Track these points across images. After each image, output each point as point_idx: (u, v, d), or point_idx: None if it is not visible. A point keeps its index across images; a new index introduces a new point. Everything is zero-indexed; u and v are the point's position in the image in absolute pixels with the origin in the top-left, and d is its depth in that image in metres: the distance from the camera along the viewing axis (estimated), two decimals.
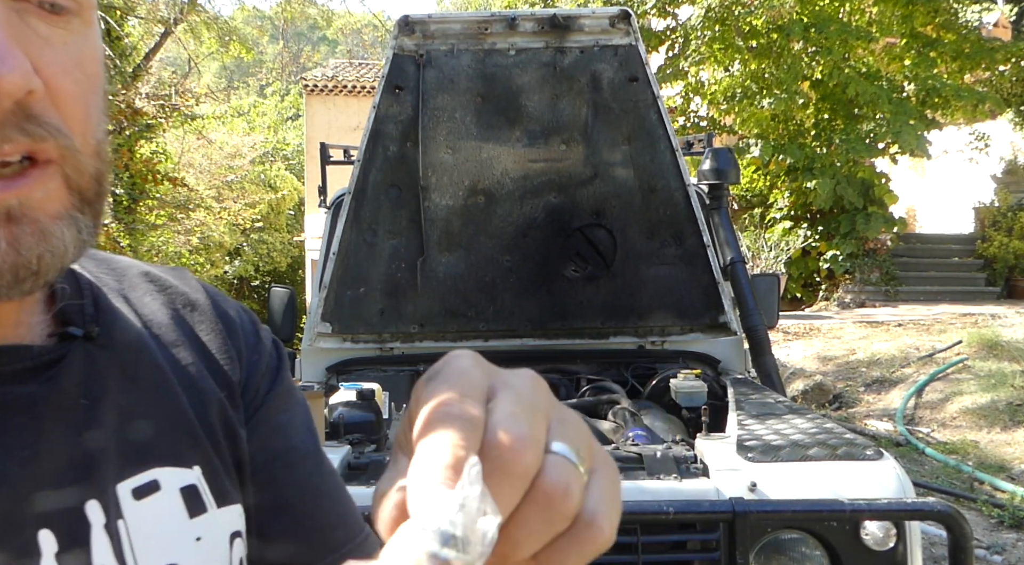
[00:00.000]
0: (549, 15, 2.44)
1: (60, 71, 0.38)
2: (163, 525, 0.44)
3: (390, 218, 2.56)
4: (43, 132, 0.37)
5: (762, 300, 2.72)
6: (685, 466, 1.66)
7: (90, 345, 0.44)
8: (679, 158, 2.50)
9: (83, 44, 0.40)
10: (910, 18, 10.66)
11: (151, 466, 0.45)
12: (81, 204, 0.40)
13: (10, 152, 0.36)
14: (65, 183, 0.39)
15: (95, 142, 0.41)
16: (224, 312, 0.54)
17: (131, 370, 0.46)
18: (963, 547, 1.38)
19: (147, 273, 0.53)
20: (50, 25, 0.38)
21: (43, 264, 0.38)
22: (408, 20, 2.41)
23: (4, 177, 0.36)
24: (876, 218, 10.70)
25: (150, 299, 0.51)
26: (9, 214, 0.36)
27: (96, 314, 0.46)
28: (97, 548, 0.41)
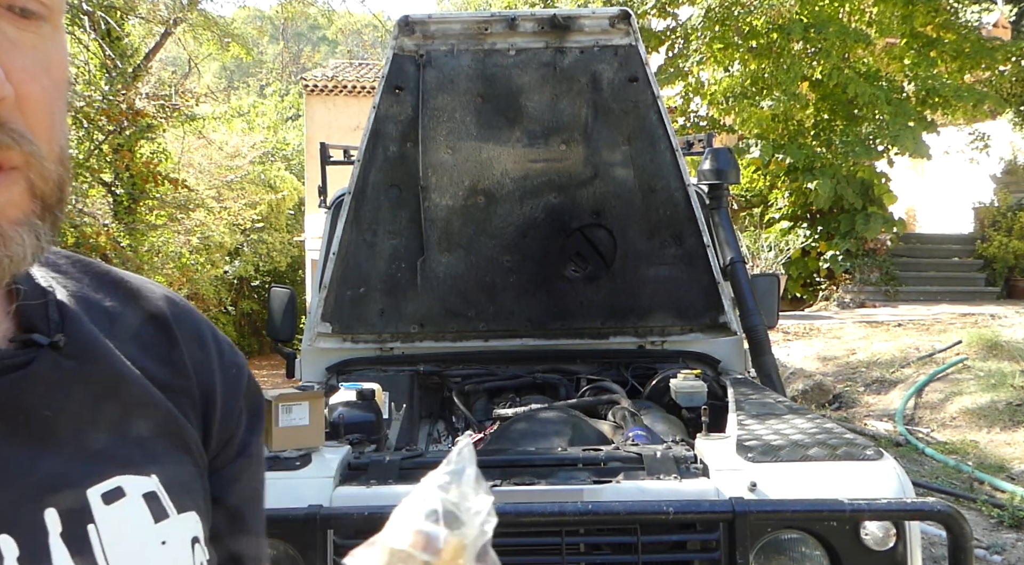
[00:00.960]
0: (549, 15, 2.44)
1: (29, 77, 0.37)
2: (132, 529, 0.45)
3: (390, 218, 2.56)
4: (8, 139, 0.36)
5: (762, 300, 2.72)
6: (685, 466, 1.66)
7: (56, 354, 0.44)
8: (679, 158, 2.50)
9: (51, 49, 0.39)
10: (910, 18, 10.65)
11: (114, 474, 0.45)
12: (42, 211, 0.40)
13: None
14: (29, 189, 0.38)
15: (59, 149, 0.40)
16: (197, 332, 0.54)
17: (94, 381, 0.46)
18: (963, 547, 1.39)
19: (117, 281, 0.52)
20: (19, 29, 0.37)
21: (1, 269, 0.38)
22: (408, 20, 2.42)
23: None
24: (876, 218, 10.69)
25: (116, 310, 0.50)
26: None
27: (61, 322, 0.46)
28: (56, 554, 0.41)
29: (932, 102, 10.50)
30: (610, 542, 1.52)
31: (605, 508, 1.43)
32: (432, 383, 2.64)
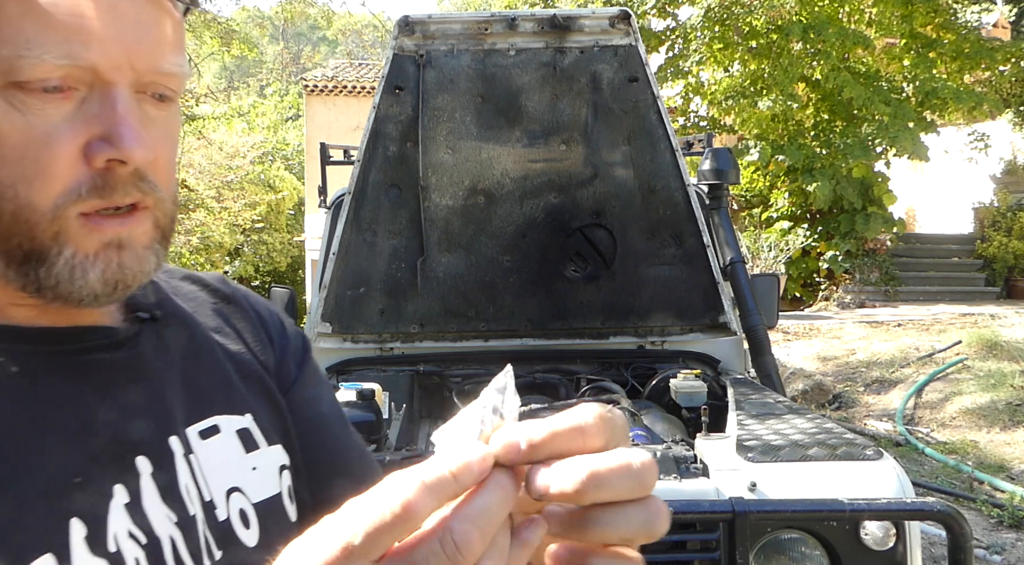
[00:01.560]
0: (549, 15, 2.44)
1: (160, 145, 0.52)
2: (224, 458, 0.58)
3: (390, 218, 2.56)
4: (148, 188, 0.51)
5: (762, 300, 2.72)
6: (685, 466, 1.66)
7: (156, 324, 0.59)
8: (679, 158, 2.50)
9: (173, 121, 0.54)
10: (909, 18, 10.66)
11: (211, 414, 0.59)
12: (162, 239, 0.54)
13: (127, 201, 0.50)
14: (154, 224, 0.53)
15: (172, 192, 0.55)
16: (255, 308, 0.69)
17: (189, 343, 0.60)
18: (962, 547, 1.39)
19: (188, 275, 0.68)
20: (156, 109, 0.52)
21: (134, 281, 0.52)
22: (408, 20, 2.42)
23: (119, 215, 0.50)
24: (875, 218, 10.70)
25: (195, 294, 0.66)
26: (120, 243, 0.51)
27: (157, 301, 0.61)
28: (180, 471, 0.54)
29: (931, 103, 10.50)
30: None
31: None
32: (432, 383, 2.64)
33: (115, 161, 0.48)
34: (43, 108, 0.47)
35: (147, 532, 0.50)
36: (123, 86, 0.49)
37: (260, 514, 0.58)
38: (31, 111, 0.47)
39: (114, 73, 0.48)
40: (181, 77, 0.53)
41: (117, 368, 0.54)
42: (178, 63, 0.52)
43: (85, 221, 0.49)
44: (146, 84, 0.50)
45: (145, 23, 0.49)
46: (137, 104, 0.50)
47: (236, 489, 0.57)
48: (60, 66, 0.46)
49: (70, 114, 0.48)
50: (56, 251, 0.49)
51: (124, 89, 0.49)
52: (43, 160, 0.47)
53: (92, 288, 0.50)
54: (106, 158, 0.48)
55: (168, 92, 0.52)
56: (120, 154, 0.48)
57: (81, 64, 0.47)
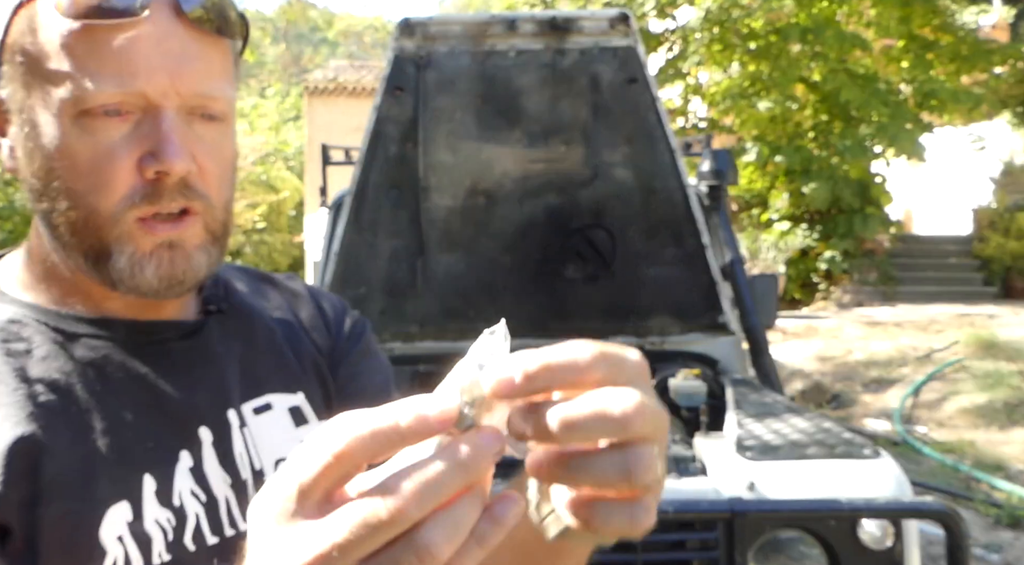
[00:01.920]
0: (549, 17, 2.45)
1: (207, 158, 0.59)
2: (275, 432, 0.66)
3: (390, 218, 2.57)
4: (194, 195, 0.59)
5: (761, 300, 2.73)
6: (684, 465, 1.67)
7: (221, 316, 0.68)
8: (678, 159, 2.51)
9: (223, 140, 0.62)
10: (907, 20, 10.66)
11: (265, 393, 0.67)
12: (214, 240, 0.62)
13: (174, 207, 0.58)
14: (204, 227, 0.60)
15: (225, 201, 0.63)
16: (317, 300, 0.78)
17: (249, 332, 0.70)
18: (960, 546, 1.39)
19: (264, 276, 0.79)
20: (204, 127, 0.59)
21: (187, 278, 0.60)
22: (409, 22, 2.42)
23: (171, 220, 0.58)
24: (874, 219, 10.70)
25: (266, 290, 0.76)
26: (171, 244, 0.59)
27: (226, 296, 0.70)
28: (236, 441, 0.64)
29: (929, 104, 10.51)
30: None
31: None
32: (432, 383, 2.63)
33: (162, 172, 0.56)
34: (106, 130, 0.56)
35: (207, 491, 0.61)
36: (170, 109, 0.57)
37: None
38: (97, 133, 0.56)
39: (161, 98, 0.56)
40: (225, 100, 0.61)
41: (186, 354, 0.64)
42: (222, 88, 0.60)
43: (141, 224, 0.58)
44: (193, 107, 0.58)
45: (189, 56, 0.57)
46: (186, 124, 0.58)
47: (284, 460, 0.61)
48: (115, 94, 0.55)
49: (127, 134, 0.57)
50: (119, 250, 0.58)
51: (171, 112, 0.57)
52: (106, 172, 0.56)
53: (149, 282, 0.58)
54: (154, 170, 0.56)
55: (215, 113, 0.60)
56: (163, 166, 0.56)
57: (131, 91, 0.55)
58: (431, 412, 0.34)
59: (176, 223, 0.59)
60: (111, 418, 0.58)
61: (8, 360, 0.57)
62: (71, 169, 0.57)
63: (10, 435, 0.54)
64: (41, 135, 0.57)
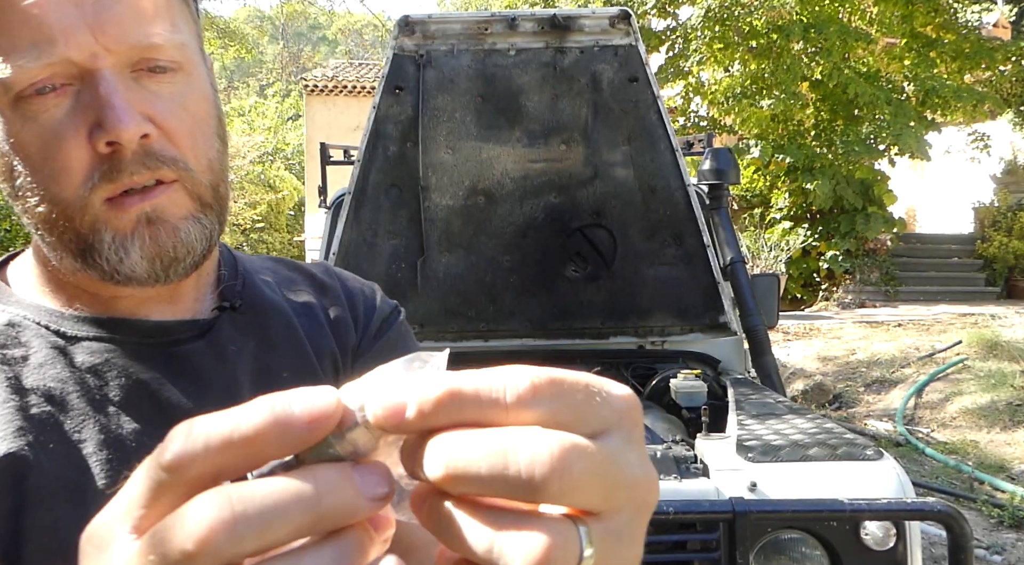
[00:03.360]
0: (549, 15, 2.44)
1: (168, 115, 0.52)
2: None
3: (390, 218, 2.56)
4: (159, 163, 0.52)
5: (762, 300, 2.72)
6: (685, 466, 1.66)
7: (235, 314, 0.63)
8: (679, 158, 2.50)
9: (186, 91, 0.54)
10: (910, 18, 10.65)
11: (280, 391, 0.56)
12: (203, 207, 0.55)
13: (138, 181, 0.52)
14: (187, 194, 0.54)
15: (207, 160, 0.55)
16: (350, 290, 0.72)
17: (264, 327, 0.64)
18: (963, 547, 1.38)
19: (296, 266, 0.74)
20: (157, 83, 0.52)
21: (178, 253, 0.54)
22: (408, 20, 2.42)
23: (138, 193, 0.52)
24: (876, 218, 10.70)
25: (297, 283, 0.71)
26: (148, 219, 0.53)
27: (243, 291, 0.65)
28: None
29: (932, 102, 10.50)
30: None
31: None
32: None
33: (112, 142, 0.50)
34: (46, 110, 0.50)
35: None
36: (106, 70, 0.50)
37: None
38: (37, 115, 0.50)
39: (92, 60, 0.49)
40: (171, 46, 0.52)
41: (195, 355, 0.60)
42: (163, 32, 0.52)
43: (111, 205, 0.52)
44: (136, 61, 0.51)
45: (107, 4, 0.49)
46: (132, 82, 0.51)
47: None
48: (38, 67, 0.48)
49: (69, 109, 0.50)
50: (99, 238, 0.52)
51: (107, 72, 0.50)
52: (58, 157, 0.50)
53: (139, 265, 0.53)
54: (104, 141, 0.50)
55: (164, 62, 0.52)
56: (111, 135, 0.49)
57: (54, 60, 0.48)
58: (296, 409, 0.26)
59: (147, 193, 0.52)
60: (109, 427, 0.53)
61: (2, 369, 0.53)
62: (26, 161, 0.51)
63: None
64: None
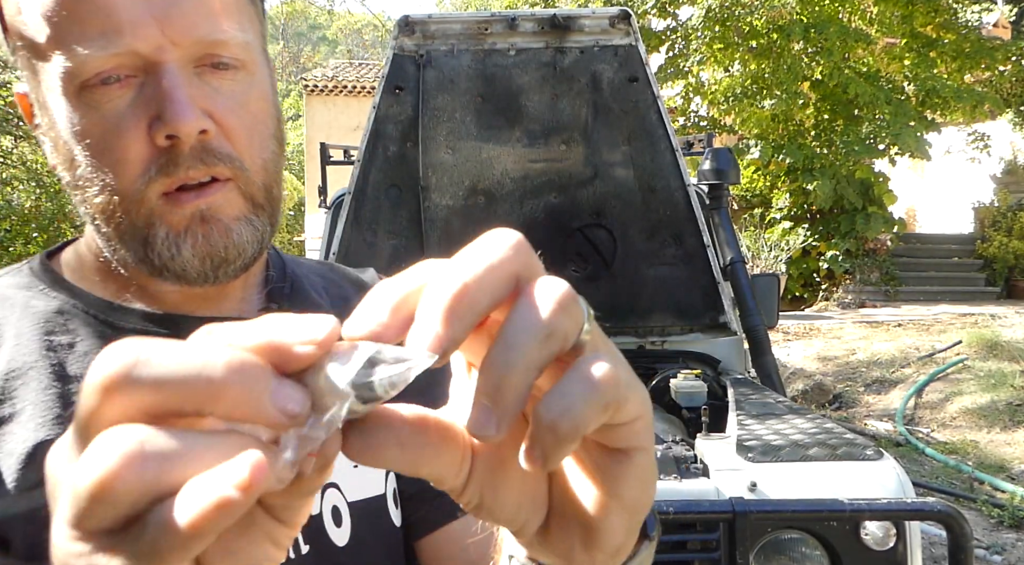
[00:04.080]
0: (549, 15, 2.44)
1: (228, 112, 0.52)
2: None
3: (390, 218, 2.56)
4: (216, 160, 0.52)
5: (762, 300, 2.72)
6: (685, 466, 1.66)
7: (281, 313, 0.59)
8: (679, 158, 2.50)
9: (247, 90, 0.54)
10: (910, 18, 10.65)
11: None
12: (255, 208, 0.55)
13: (194, 176, 0.51)
14: (240, 194, 0.54)
15: (262, 161, 0.55)
16: None
17: None
18: (963, 547, 1.38)
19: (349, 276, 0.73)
20: (219, 79, 0.52)
21: (229, 254, 0.53)
22: (408, 20, 2.42)
23: (194, 189, 0.52)
24: (876, 218, 10.70)
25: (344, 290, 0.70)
26: (202, 216, 0.52)
27: (291, 295, 0.64)
28: None
29: (932, 102, 10.50)
30: None
31: None
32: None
33: (172, 136, 0.50)
34: (109, 100, 0.50)
35: None
36: (170, 63, 0.50)
37: (355, 514, 0.58)
38: (100, 105, 0.50)
39: (158, 53, 0.49)
40: (236, 44, 0.52)
41: None
42: (230, 30, 0.52)
43: (167, 200, 0.51)
44: (199, 57, 0.51)
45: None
46: (195, 77, 0.51)
47: (333, 485, 0.58)
48: (105, 57, 0.49)
49: (131, 100, 0.50)
50: (153, 232, 0.52)
51: (172, 66, 0.50)
52: (118, 147, 0.50)
53: (190, 263, 0.52)
54: (163, 134, 0.49)
55: (228, 60, 0.52)
56: (170, 128, 0.49)
57: (120, 50, 0.49)
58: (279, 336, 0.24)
59: (201, 192, 0.52)
60: None
61: (47, 355, 0.53)
62: (87, 150, 0.51)
63: (32, 439, 0.49)
64: (56, 121, 0.52)
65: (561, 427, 0.25)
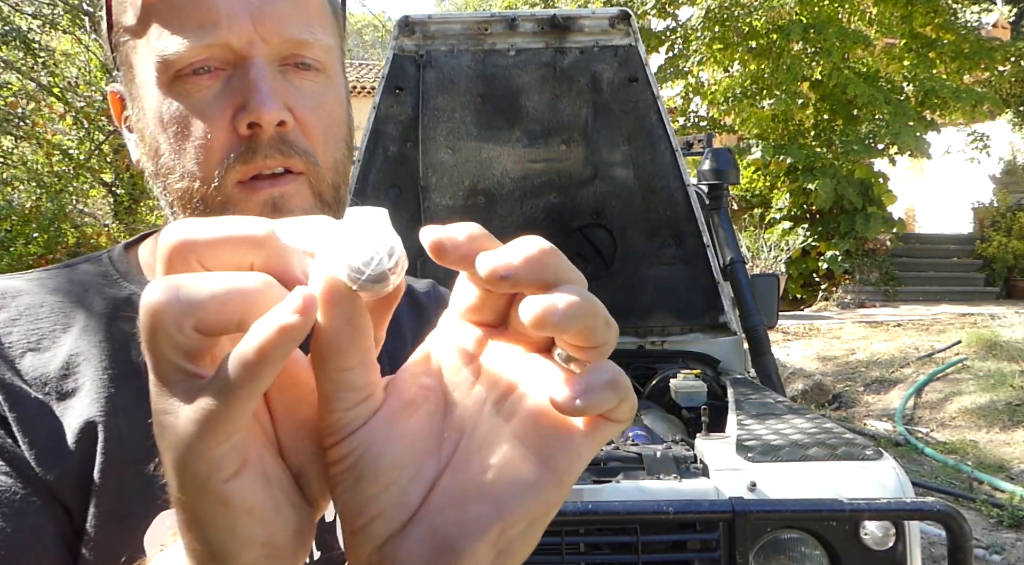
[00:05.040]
0: (549, 16, 2.45)
1: (306, 110, 0.55)
2: None
3: (390, 218, 2.56)
4: (292, 152, 0.54)
5: (762, 300, 2.72)
6: (685, 466, 1.67)
7: None
8: (679, 158, 2.50)
9: (326, 92, 0.57)
10: (909, 19, 10.66)
11: None
12: (322, 205, 0.57)
13: (271, 165, 0.54)
14: (311, 189, 0.56)
15: (333, 160, 0.58)
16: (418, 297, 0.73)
17: None
18: (962, 547, 1.39)
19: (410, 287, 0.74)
20: (301, 79, 0.56)
21: None
22: (408, 20, 2.42)
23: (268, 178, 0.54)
24: (875, 218, 10.70)
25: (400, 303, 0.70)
26: (274, 204, 0.54)
27: None
28: None
29: (931, 103, 10.51)
30: (610, 542, 1.52)
31: (605, 508, 1.44)
32: None
33: (253, 123, 0.53)
34: (198, 90, 0.54)
35: None
36: (259, 58, 0.54)
37: None
38: (190, 94, 0.54)
39: (248, 48, 0.53)
40: (320, 47, 0.56)
41: None
42: (316, 33, 0.56)
43: (242, 188, 0.55)
44: (286, 56, 0.55)
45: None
46: (279, 74, 0.55)
47: None
48: (200, 48, 0.53)
49: (218, 91, 0.54)
50: None
51: (259, 60, 0.54)
52: (201, 135, 0.54)
53: None
54: (245, 122, 0.53)
55: (311, 61, 0.56)
56: (253, 116, 0.53)
57: (214, 42, 0.53)
58: None
59: (277, 180, 0.55)
60: None
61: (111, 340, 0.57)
62: (172, 138, 0.54)
63: (85, 415, 0.53)
64: (146, 110, 0.55)
65: None
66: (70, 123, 7.65)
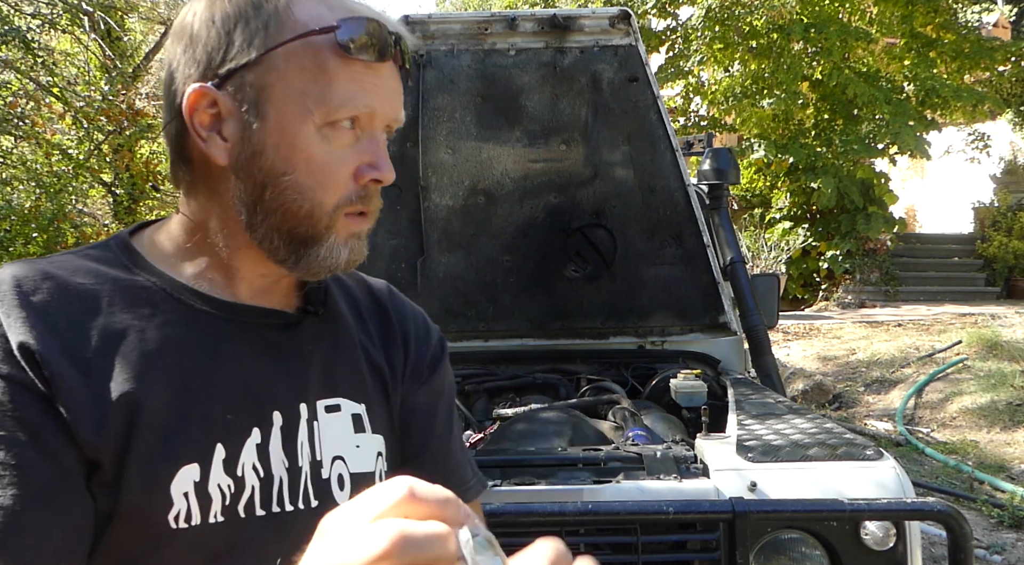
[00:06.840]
0: (549, 15, 2.44)
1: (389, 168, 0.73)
2: (337, 432, 0.75)
3: (390, 218, 2.56)
4: (379, 200, 0.74)
5: (762, 300, 2.72)
6: (685, 466, 1.66)
7: (316, 318, 0.78)
8: (679, 158, 2.50)
9: None
10: (910, 18, 10.65)
11: (338, 395, 0.76)
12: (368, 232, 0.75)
13: (371, 209, 0.73)
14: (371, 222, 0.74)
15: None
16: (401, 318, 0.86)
17: (334, 336, 0.79)
18: (963, 547, 1.38)
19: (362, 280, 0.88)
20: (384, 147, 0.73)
21: (357, 261, 0.75)
22: (408, 20, 2.42)
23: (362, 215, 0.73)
24: (876, 218, 10.70)
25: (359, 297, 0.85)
26: (358, 235, 0.74)
27: (324, 300, 0.80)
28: (301, 431, 0.72)
29: (932, 102, 10.50)
30: (610, 542, 1.51)
31: (605, 508, 1.43)
32: None
33: (375, 181, 0.71)
34: (340, 139, 0.69)
35: (266, 469, 0.69)
36: (380, 129, 0.72)
37: (354, 482, 0.75)
38: (333, 141, 0.69)
39: (378, 121, 0.71)
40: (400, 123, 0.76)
41: (280, 344, 0.74)
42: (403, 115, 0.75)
43: (347, 219, 0.72)
44: (387, 127, 0.74)
45: (394, 89, 0.72)
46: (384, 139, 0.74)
47: (340, 458, 0.74)
48: (355, 107, 0.69)
49: (351, 146, 0.70)
50: (327, 238, 0.71)
51: (380, 132, 0.72)
52: (334, 175, 0.70)
53: (341, 264, 0.72)
54: (371, 178, 0.71)
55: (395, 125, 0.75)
56: (382, 177, 0.71)
57: (368, 111, 0.70)
58: None
59: (363, 219, 0.73)
60: (208, 389, 0.67)
61: (134, 322, 0.67)
62: (306, 167, 0.69)
63: (121, 388, 0.63)
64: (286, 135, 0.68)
65: None
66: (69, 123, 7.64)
